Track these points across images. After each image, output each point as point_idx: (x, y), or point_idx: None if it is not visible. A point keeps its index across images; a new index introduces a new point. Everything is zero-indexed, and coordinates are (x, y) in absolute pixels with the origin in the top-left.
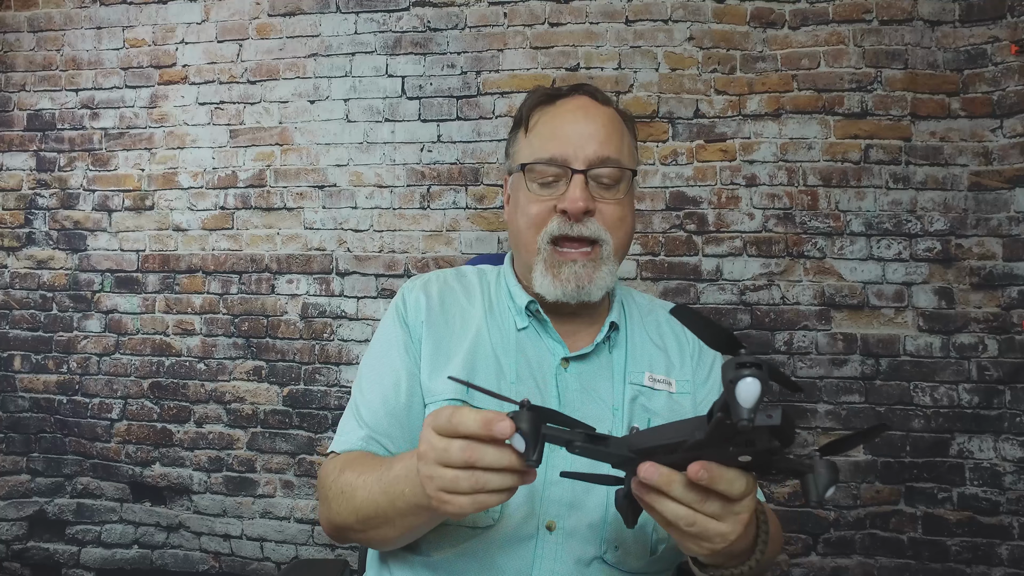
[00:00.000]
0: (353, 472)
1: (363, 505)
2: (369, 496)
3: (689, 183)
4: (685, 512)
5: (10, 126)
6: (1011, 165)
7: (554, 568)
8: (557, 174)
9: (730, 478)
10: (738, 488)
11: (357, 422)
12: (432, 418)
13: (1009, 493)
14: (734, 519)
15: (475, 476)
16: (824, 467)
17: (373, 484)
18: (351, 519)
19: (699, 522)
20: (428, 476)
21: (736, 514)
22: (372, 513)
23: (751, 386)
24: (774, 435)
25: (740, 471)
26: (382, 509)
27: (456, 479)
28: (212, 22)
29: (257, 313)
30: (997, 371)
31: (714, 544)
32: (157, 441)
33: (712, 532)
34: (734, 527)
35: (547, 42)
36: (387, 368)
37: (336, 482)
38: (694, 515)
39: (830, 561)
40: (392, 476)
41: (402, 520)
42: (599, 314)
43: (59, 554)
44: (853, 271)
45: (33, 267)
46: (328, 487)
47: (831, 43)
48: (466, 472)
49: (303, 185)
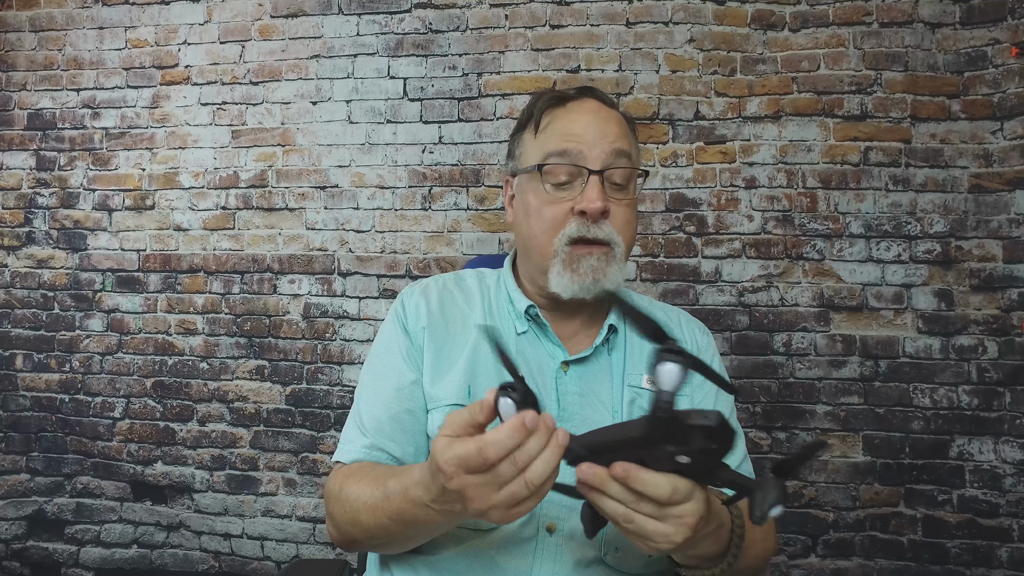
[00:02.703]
0: (354, 487)
1: (371, 529)
2: (376, 521)
3: (689, 185)
4: (623, 511)
5: (11, 125)
6: (1011, 167)
7: (554, 570)
8: (572, 173)
9: (651, 480)
10: (662, 491)
11: (360, 430)
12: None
13: (1009, 495)
14: (676, 521)
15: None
16: (774, 486)
17: (380, 512)
18: (362, 538)
19: (636, 520)
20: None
21: (677, 517)
22: (384, 537)
23: (671, 370)
24: (710, 438)
25: (671, 476)
26: (393, 532)
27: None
28: (214, 23)
29: (259, 313)
30: (997, 373)
31: (659, 544)
32: (159, 440)
33: (651, 531)
34: (677, 529)
35: (548, 44)
36: (388, 374)
37: (339, 499)
38: (630, 513)
39: (829, 563)
40: (396, 508)
41: (417, 535)
42: (598, 316)
43: (58, 553)
44: (852, 273)
45: (33, 266)
46: (332, 501)
47: (831, 45)
48: (520, 486)
49: (305, 186)
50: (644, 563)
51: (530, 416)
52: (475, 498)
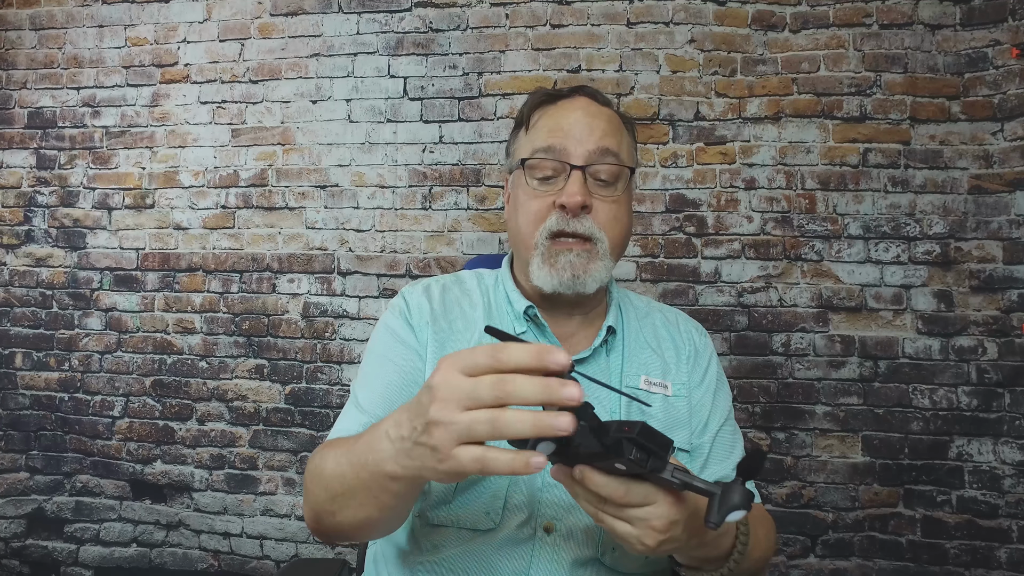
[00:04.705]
0: (329, 448)
1: (331, 480)
2: (336, 468)
3: (689, 186)
4: (592, 510)
5: (11, 124)
6: (1012, 168)
7: (551, 570)
8: (556, 168)
9: (602, 481)
10: (614, 491)
11: (356, 409)
12: (453, 359)
13: (1008, 496)
14: (642, 524)
15: (494, 420)
16: (736, 493)
17: (342, 456)
18: (322, 497)
19: (605, 520)
20: (440, 423)
21: (642, 520)
22: (339, 488)
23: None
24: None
25: (625, 479)
26: (348, 482)
27: (473, 424)
28: (214, 21)
29: (258, 312)
30: (996, 374)
31: (632, 545)
32: (159, 439)
33: (620, 532)
34: (644, 531)
35: (549, 44)
36: (389, 361)
37: (312, 461)
38: (598, 512)
39: (828, 563)
40: (359, 446)
41: (367, 494)
42: (596, 317)
43: (57, 552)
44: (851, 274)
45: (32, 265)
46: (308, 471)
47: (831, 47)
48: (486, 414)
49: (305, 185)
50: (641, 563)
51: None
52: (442, 399)
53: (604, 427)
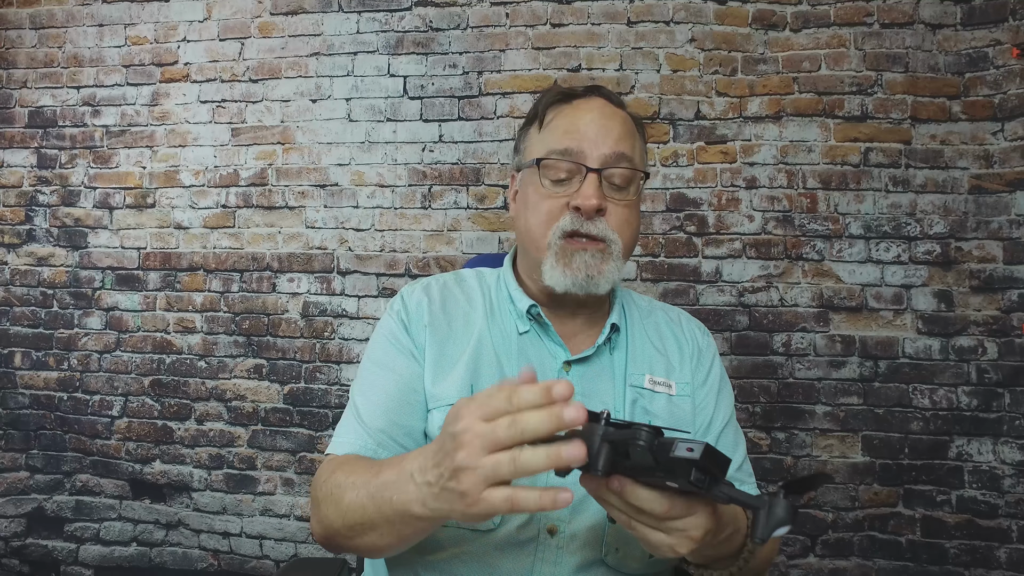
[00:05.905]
0: (343, 474)
1: (349, 509)
2: (356, 499)
3: (689, 185)
4: (624, 518)
5: (11, 123)
6: (1012, 168)
7: (554, 572)
8: (571, 170)
9: (646, 496)
10: (657, 506)
11: (357, 423)
12: (474, 406)
13: (1008, 496)
14: (679, 535)
15: (515, 459)
16: (781, 506)
17: (361, 487)
18: (338, 523)
19: (638, 529)
20: (467, 468)
21: (680, 531)
22: (359, 519)
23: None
24: (697, 468)
25: (667, 494)
26: (368, 515)
27: (497, 466)
28: (214, 20)
29: (258, 311)
30: (996, 374)
31: (663, 552)
32: (158, 438)
33: (654, 541)
34: (680, 541)
35: (549, 43)
36: (388, 369)
37: (326, 484)
38: (630, 521)
39: (828, 563)
40: (380, 482)
41: (389, 528)
42: (600, 316)
43: (57, 551)
44: (851, 273)
45: (33, 264)
46: (319, 488)
47: (832, 46)
48: (507, 455)
49: (305, 184)
50: (644, 564)
51: (563, 385)
52: (467, 445)
53: (665, 445)
